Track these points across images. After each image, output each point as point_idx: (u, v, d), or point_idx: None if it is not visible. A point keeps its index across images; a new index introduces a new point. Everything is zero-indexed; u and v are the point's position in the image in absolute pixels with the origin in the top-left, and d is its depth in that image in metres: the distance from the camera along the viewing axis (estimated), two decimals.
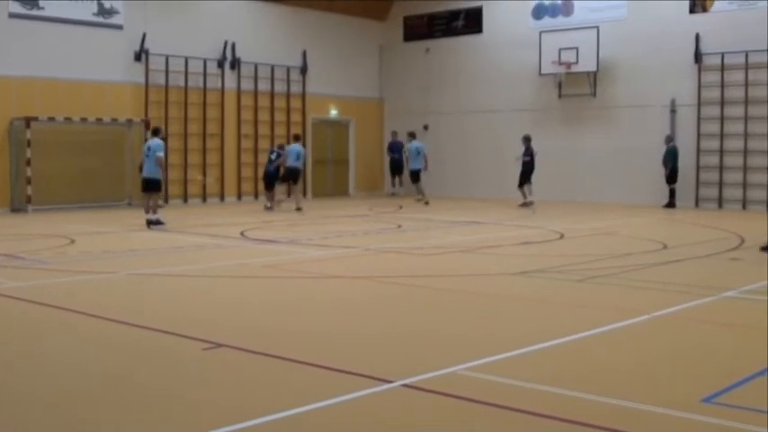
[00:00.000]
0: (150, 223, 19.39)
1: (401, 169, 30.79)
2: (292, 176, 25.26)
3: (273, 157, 25.79)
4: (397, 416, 5.95)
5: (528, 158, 26.22)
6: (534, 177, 26.20)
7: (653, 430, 5.61)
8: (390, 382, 6.59)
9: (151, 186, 19.72)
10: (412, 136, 29.22)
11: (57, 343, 8.28)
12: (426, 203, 27.12)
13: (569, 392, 6.35)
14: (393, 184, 31.42)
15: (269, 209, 25.09)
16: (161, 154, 19.53)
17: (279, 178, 25.55)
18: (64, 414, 6.02)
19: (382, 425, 5.78)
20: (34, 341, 8.35)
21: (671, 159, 25.66)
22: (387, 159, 32.39)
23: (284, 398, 6.25)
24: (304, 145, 30.43)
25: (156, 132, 20.19)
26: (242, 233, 18.18)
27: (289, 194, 25.97)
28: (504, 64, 30.16)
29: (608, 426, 5.60)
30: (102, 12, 25.89)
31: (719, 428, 5.62)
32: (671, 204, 25.77)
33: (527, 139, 26.41)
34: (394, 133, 31.25)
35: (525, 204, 25.71)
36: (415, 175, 28.24)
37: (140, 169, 20.02)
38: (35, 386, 6.71)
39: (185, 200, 27.86)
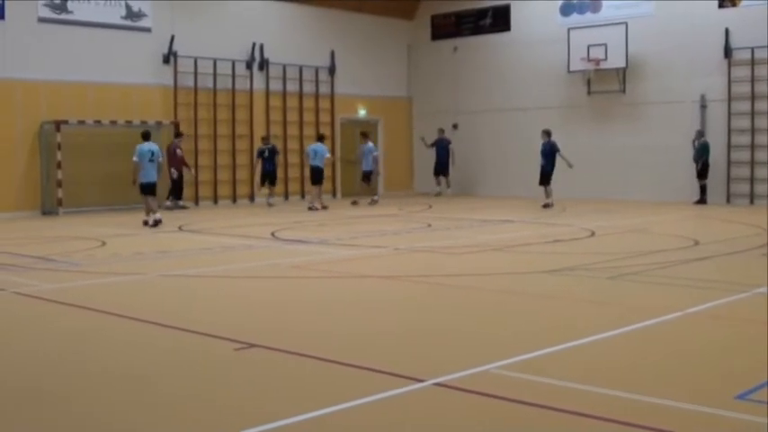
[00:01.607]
0: (158, 222, 20.00)
1: (445, 168, 31.00)
2: (318, 176, 25.79)
3: (267, 154, 26.77)
4: (429, 415, 5.94)
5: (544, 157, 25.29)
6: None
7: (687, 427, 5.57)
8: (422, 381, 6.58)
9: (154, 190, 20.39)
10: (364, 136, 28.23)
11: (88, 344, 8.33)
12: (374, 202, 27.30)
13: (601, 390, 6.32)
14: (438, 183, 31.23)
15: (271, 205, 26.53)
16: (162, 159, 20.60)
17: (312, 180, 25.99)
18: (94, 416, 6.05)
19: (415, 424, 5.77)
20: (66, 343, 8.41)
21: (702, 155, 25.49)
22: (416, 158, 32.62)
23: (316, 397, 6.25)
24: (333, 144, 30.61)
25: (148, 136, 20.69)
26: (272, 234, 18.22)
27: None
28: (533, 61, 30.07)
29: (641, 423, 5.57)
30: (131, 15, 26.03)
31: (754, 425, 5.57)
32: (702, 201, 25.59)
33: (545, 134, 25.68)
34: (440, 131, 31.22)
35: (546, 206, 24.93)
36: (366, 177, 27.86)
37: (137, 174, 20.18)
38: (66, 388, 6.75)
39: (215, 201, 27.96)
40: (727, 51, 25.90)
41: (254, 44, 28.71)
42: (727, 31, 25.85)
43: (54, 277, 12.47)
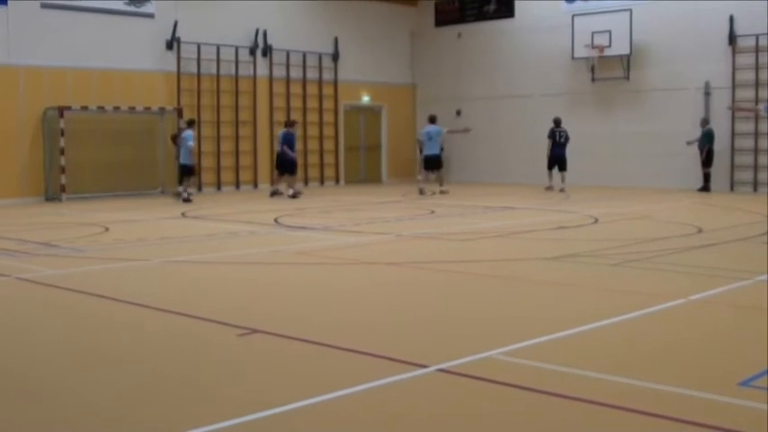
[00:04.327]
0: (187, 199, 22.91)
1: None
2: (435, 163, 25.69)
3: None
4: (433, 400, 5.94)
5: (551, 142, 25.94)
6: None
7: (689, 414, 5.57)
8: (426, 366, 6.59)
9: (185, 170, 23.36)
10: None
11: (91, 329, 8.34)
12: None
13: (604, 376, 6.32)
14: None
15: (278, 194, 25.59)
16: (191, 143, 23.04)
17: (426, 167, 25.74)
18: (95, 402, 6.05)
19: (418, 410, 5.77)
20: (69, 328, 8.42)
21: (707, 142, 25.46)
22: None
23: (320, 383, 6.25)
24: (336, 131, 30.64)
25: (189, 124, 23.56)
26: (275, 220, 18.22)
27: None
28: (537, 48, 30.02)
29: (644, 409, 5.57)
30: (134, 1, 25.98)
31: (756, 412, 5.57)
32: (705, 188, 25.57)
33: (553, 122, 26.13)
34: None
35: (549, 188, 25.61)
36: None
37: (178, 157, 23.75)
38: (67, 372, 6.76)
39: (219, 187, 27.97)
40: (732, 38, 25.86)
41: (257, 30, 28.66)
42: (731, 19, 25.80)
43: (58, 263, 12.47)
